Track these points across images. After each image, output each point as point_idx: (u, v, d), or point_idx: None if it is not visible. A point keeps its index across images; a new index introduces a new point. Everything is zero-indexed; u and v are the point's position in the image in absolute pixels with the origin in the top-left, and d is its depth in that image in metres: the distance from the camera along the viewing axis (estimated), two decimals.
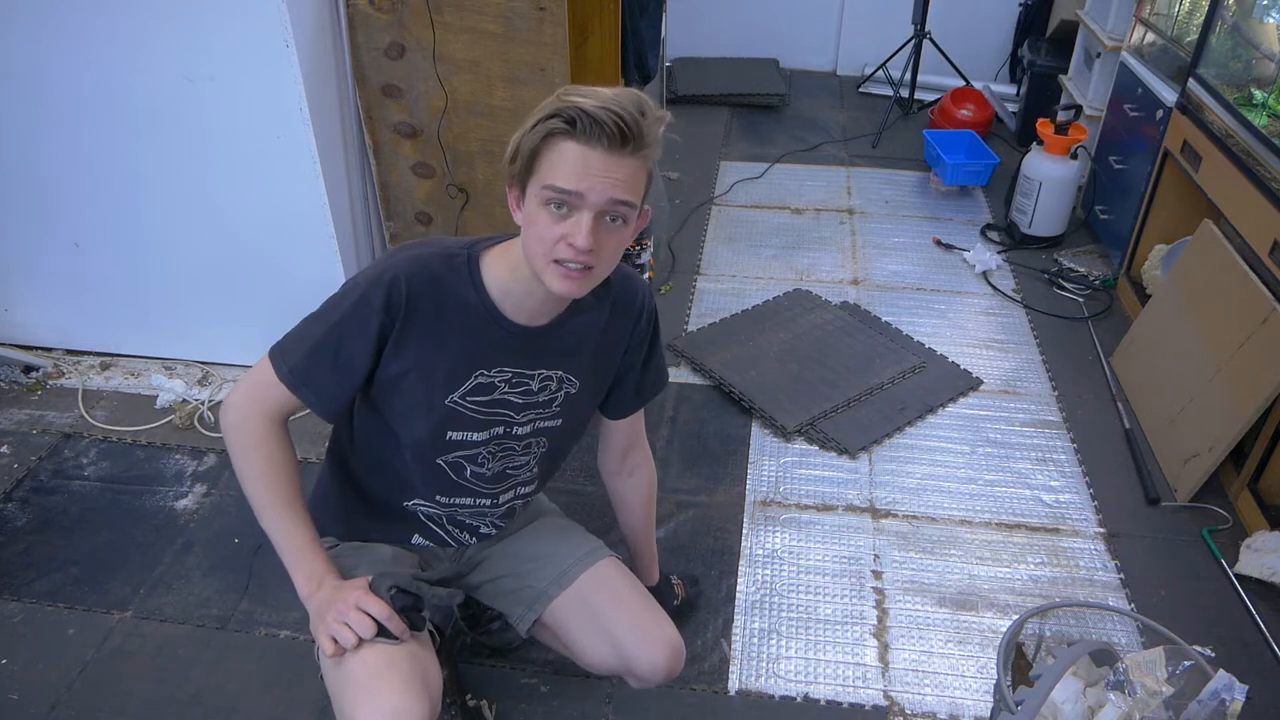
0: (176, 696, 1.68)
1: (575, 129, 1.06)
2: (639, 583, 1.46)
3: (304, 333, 1.22)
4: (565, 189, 1.08)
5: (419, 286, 1.19)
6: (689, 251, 3.17)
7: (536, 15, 2.16)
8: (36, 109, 2.13)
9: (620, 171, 1.08)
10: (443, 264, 1.21)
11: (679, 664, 1.39)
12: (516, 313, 1.24)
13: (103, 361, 2.54)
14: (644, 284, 1.39)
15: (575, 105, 1.05)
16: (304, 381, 1.21)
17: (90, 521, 2.05)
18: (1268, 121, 2.23)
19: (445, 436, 1.29)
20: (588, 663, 1.44)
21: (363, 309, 1.18)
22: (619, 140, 1.07)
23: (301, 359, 1.20)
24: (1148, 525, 2.11)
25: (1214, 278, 2.28)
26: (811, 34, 4.74)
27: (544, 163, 1.09)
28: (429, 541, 1.44)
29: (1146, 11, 3.04)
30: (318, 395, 1.22)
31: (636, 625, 1.38)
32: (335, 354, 1.19)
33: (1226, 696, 1.31)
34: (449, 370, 1.24)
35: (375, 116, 2.37)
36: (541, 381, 1.31)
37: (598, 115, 1.05)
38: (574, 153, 1.07)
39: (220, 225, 2.26)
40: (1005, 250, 3.22)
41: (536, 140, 1.09)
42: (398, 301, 1.18)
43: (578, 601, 1.42)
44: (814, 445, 2.32)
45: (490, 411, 1.30)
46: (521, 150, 1.11)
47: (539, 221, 1.11)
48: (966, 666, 1.79)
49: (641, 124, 1.07)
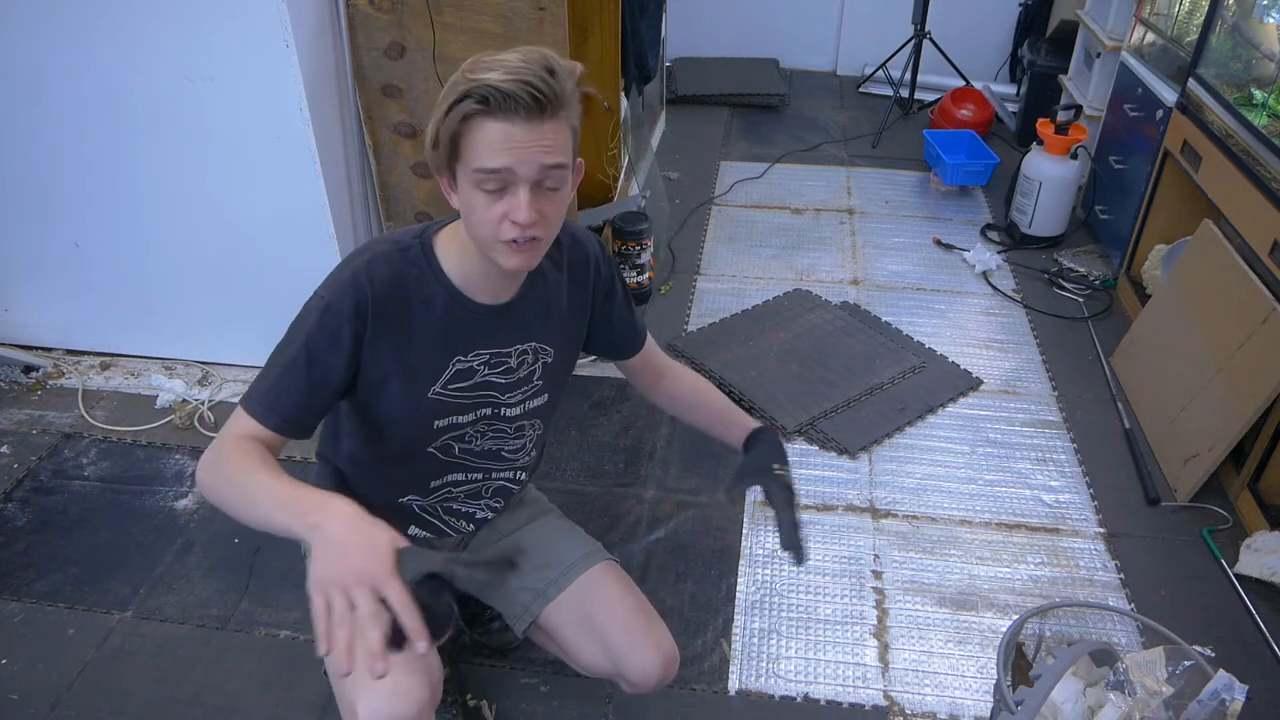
0: (176, 696, 1.68)
1: (490, 106, 1.03)
2: (635, 587, 1.45)
3: (270, 364, 1.16)
4: (495, 168, 1.06)
5: (381, 285, 1.16)
6: (689, 251, 3.17)
7: (536, 15, 2.16)
8: (36, 109, 2.13)
9: (545, 138, 1.06)
10: (400, 258, 1.19)
11: (672, 670, 1.39)
12: (480, 293, 1.23)
13: (103, 361, 2.54)
14: (593, 238, 1.38)
15: (484, 83, 1.03)
16: (272, 409, 1.13)
17: (90, 521, 2.05)
18: (1268, 121, 2.23)
19: (433, 425, 1.29)
20: (582, 666, 1.44)
21: (330, 319, 1.14)
22: (536, 108, 1.04)
23: (269, 390, 1.13)
24: (1148, 525, 2.11)
25: (1214, 278, 2.28)
26: (811, 34, 4.74)
27: (466, 147, 1.06)
28: (426, 533, 1.45)
29: (1146, 11, 3.04)
30: (287, 419, 1.14)
31: (630, 630, 1.38)
32: (308, 369, 1.14)
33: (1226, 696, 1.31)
34: (427, 362, 1.24)
35: (375, 116, 2.37)
36: (519, 357, 1.31)
37: (508, 89, 1.02)
38: (495, 131, 1.04)
39: (220, 225, 2.26)
40: (1005, 250, 3.22)
41: (455, 124, 1.06)
42: (364, 303, 1.15)
43: (573, 605, 1.41)
44: (814, 445, 2.32)
45: (474, 395, 1.29)
46: (441, 137, 1.08)
47: (477, 205, 1.09)
48: (966, 666, 1.79)
49: (554, 84, 1.04)
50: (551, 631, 1.45)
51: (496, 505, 1.48)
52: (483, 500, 1.45)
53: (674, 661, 1.39)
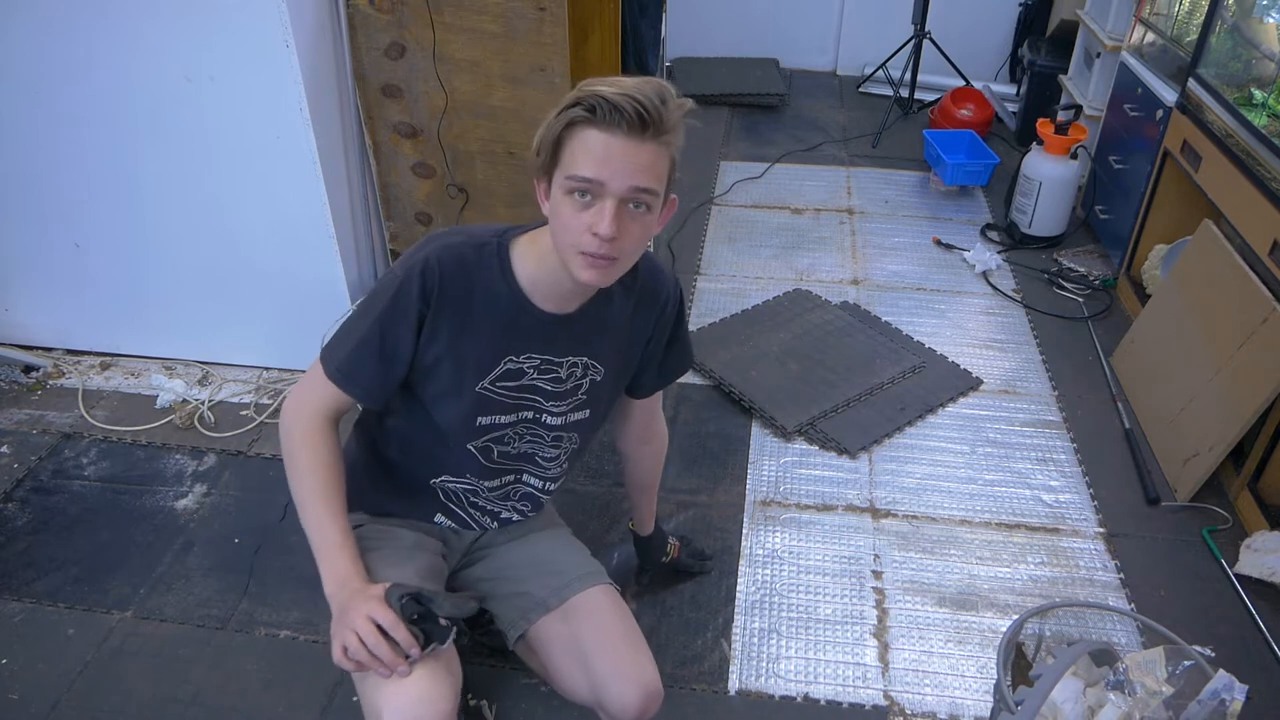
0: (176, 696, 1.68)
1: (595, 115, 1.07)
2: (629, 616, 1.44)
3: (349, 330, 1.26)
4: (587, 177, 1.09)
5: (450, 272, 1.22)
6: (689, 251, 3.17)
7: (536, 15, 2.16)
8: (36, 109, 2.13)
9: (641, 158, 1.09)
10: (473, 252, 1.24)
11: (653, 708, 1.35)
12: (545, 300, 1.26)
13: (103, 361, 2.54)
14: (672, 276, 1.42)
15: (596, 93, 1.07)
16: (350, 378, 1.25)
17: (90, 521, 2.05)
18: (1268, 121, 2.23)
19: (475, 422, 1.32)
20: (563, 690, 1.42)
21: (402, 300, 1.21)
22: (639, 126, 1.07)
23: (347, 356, 1.24)
24: (1148, 525, 2.11)
25: (1214, 278, 2.28)
26: (811, 34, 4.74)
27: (566, 153, 1.11)
28: (451, 522, 1.46)
29: (1146, 11, 3.04)
30: (365, 390, 1.26)
31: (615, 660, 1.35)
32: (380, 346, 1.23)
33: (1226, 696, 1.31)
34: (479, 356, 1.27)
35: (375, 116, 2.37)
36: (569, 368, 1.33)
37: (617, 102, 1.06)
38: (595, 140, 1.08)
39: (220, 225, 2.26)
40: (1005, 250, 3.22)
41: (559, 129, 1.10)
42: (431, 287, 1.21)
43: (563, 625, 1.40)
44: (814, 445, 2.32)
45: (519, 396, 1.32)
46: (545, 141, 1.13)
47: (563, 212, 1.13)
48: (966, 666, 1.79)
49: (662, 110, 1.08)
50: (538, 647, 1.44)
51: (523, 509, 1.49)
52: (510, 502, 1.46)
53: (656, 698, 1.35)
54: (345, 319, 1.28)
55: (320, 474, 1.24)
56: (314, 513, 1.23)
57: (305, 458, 1.25)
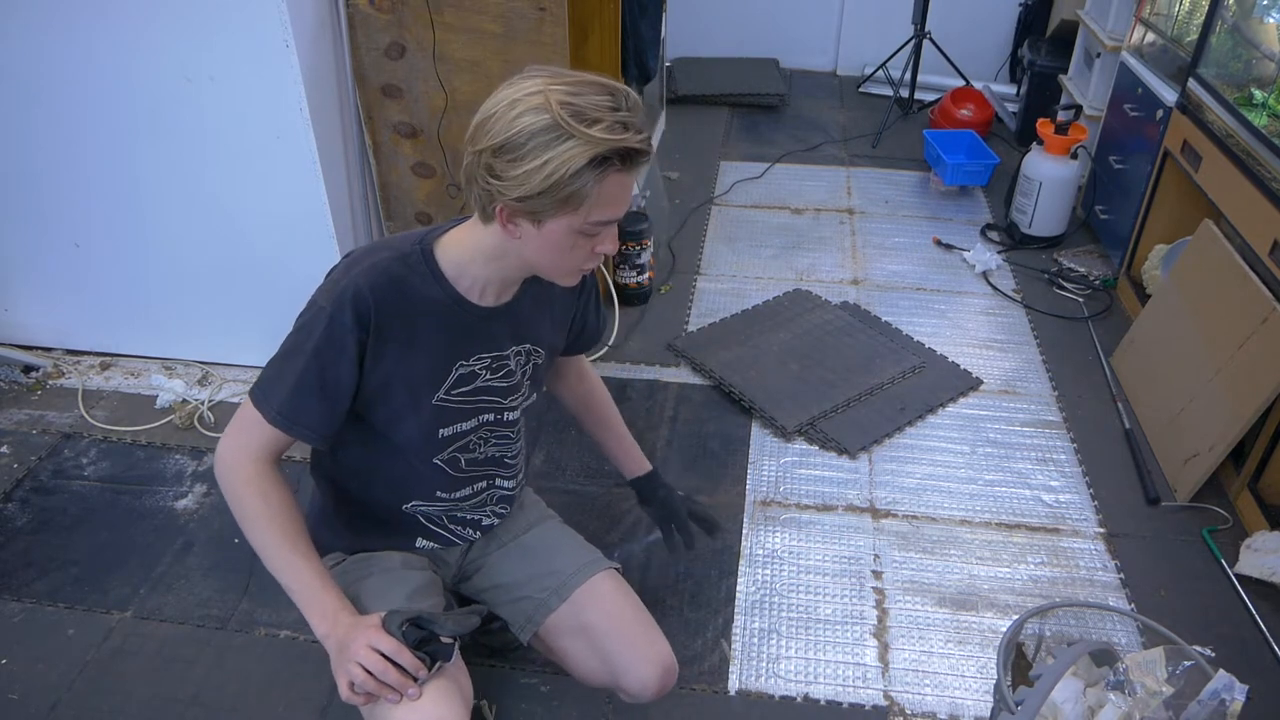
0: (176, 696, 1.68)
1: (625, 165, 1.08)
2: (634, 596, 1.45)
3: (280, 369, 1.19)
4: (615, 219, 1.13)
5: (382, 292, 1.17)
6: (689, 251, 3.17)
7: (536, 15, 2.16)
8: (36, 109, 2.13)
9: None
10: (399, 264, 1.19)
11: (670, 682, 1.38)
12: (481, 296, 1.25)
13: (103, 361, 2.54)
14: None
15: (620, 145, 1.05)
16: (294, 420, 1.18)
17: (90, 521, 2.05)
18: (1268, 121, 2.23)
19: (438, 434, 1.30)
20: (581, 677, 1.45)
21: (336, 331, 1.16)
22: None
23: (287, 398, 1.17)
24: (1148, 525, 2.11)
25: (1214, 278, 2.28)
26: (811, 34, 4.74)
27: (590, 200, 1.08)
28: (433, 544, 1.44)
29: (1146, 11, 3.04)
30: (311, 429, 1.20)
31: (628, 641, 1.38)
32: (320, 383, 1.17)
33: (1226, 696, 1.31)
34: (430, 368, 1.25)
35: (375, 116, 2.37)
36: (516, 359, 1.33)
37: (641, 148, 1.08)
38: (619, 184, 1.10)
39: (220, 225, 2.26)
40: (1005, 250, 3.22)
41: (590, 180, 1.06)
42: (366, 313, 1.16)
43: (572, 616, 1.41)
44: (814, 445, 2.32)
45: (476, 400, 1.31)
46: (559, 188, 1.06)
47: (569, 246, 1.14)
48: (966, 666, 1.79)
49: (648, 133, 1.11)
50: (550, 642, 1.45)
51: (501, 511, 1.48)
52: (487, 508, 1.45)
53: (672, 672, 1.38)
54: (273, 358, 1.20)
55: (278, 519, 1.18)
56: (282, 559, 1.18)
57: (256, 504, 1.18)
